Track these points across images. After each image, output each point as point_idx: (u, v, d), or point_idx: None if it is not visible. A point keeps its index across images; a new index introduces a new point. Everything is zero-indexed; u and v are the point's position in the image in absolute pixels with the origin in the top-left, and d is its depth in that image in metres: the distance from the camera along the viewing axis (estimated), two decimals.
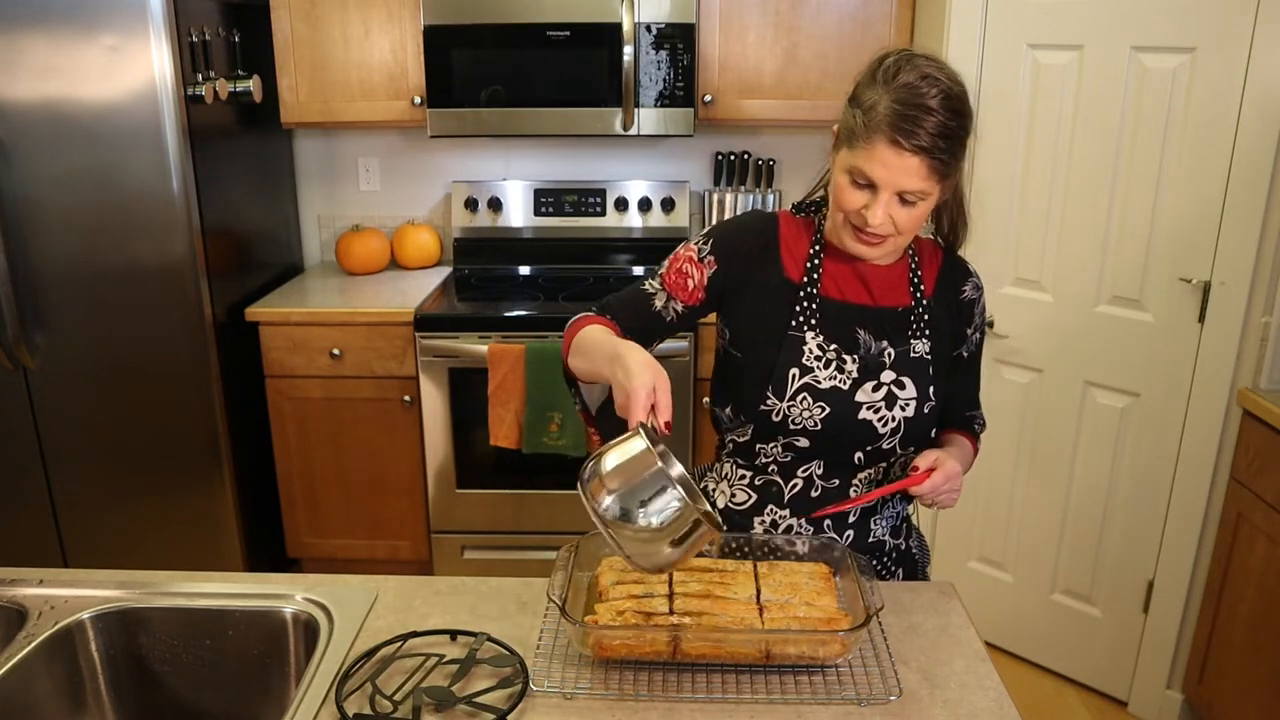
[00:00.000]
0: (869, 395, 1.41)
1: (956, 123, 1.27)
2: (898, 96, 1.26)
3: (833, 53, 2.90)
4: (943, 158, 1.27)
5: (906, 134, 1.25)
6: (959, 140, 1.29)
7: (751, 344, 1.45)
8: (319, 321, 2.86)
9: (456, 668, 1.22)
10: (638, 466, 1.12)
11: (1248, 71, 2.16)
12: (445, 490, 2.98)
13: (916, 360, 1.44)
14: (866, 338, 1.43)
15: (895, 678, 1.21)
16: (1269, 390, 2.25)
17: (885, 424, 1.42)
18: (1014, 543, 2.79)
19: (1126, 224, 2.40)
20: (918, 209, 1.31)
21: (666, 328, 1.49)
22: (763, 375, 1.41)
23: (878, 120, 1.26)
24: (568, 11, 2.82)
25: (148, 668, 1.39)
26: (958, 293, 1.49)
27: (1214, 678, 2.38)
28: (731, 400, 1.47)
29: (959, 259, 1.52)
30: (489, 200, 3.26)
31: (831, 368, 1.41)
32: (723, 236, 1.48)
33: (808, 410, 1.41)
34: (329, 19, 2.91)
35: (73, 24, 2.42)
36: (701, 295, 1.47)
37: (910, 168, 1.27)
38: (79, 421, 2.72)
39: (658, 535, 1.12)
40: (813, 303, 1.43)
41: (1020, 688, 2.72)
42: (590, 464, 1.15)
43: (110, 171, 2.52)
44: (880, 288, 1.45)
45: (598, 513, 1.13)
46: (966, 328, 1.50)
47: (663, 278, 1.49)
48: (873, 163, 1.28)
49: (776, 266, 1.45)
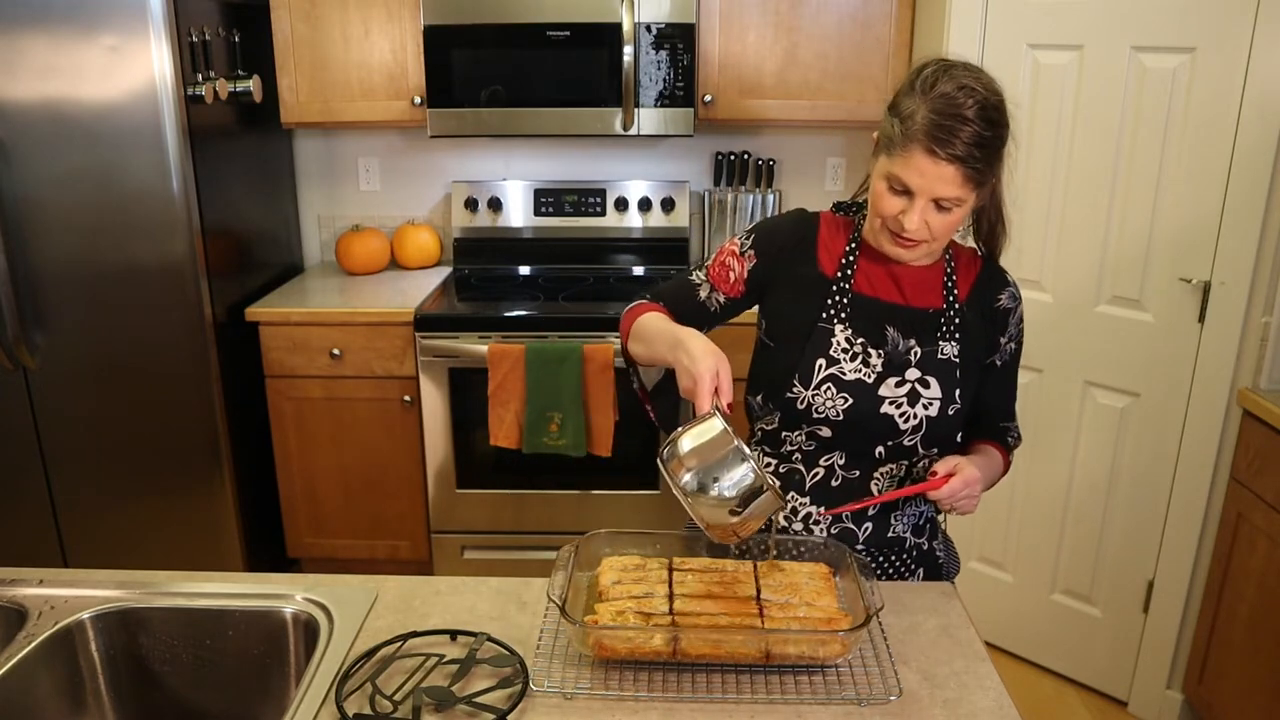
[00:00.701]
0: (892, 390, 1.44)
1: (992, 133, 1.31)
2: (934, 107, 1.30)
3: (833, 53, 2.90)
4: (978, 166, 1.31)
5: (942, 143, 1.29)
6: (995, 149, 1.33)
7: (783, 334, 1.50)
8: (319, 321, 2.86)
9: (456, 668, 1.22)
10: (716, 445, 1.23)
11: (1248, 71, 2.16)
12: (445, 490, 2.98)
13: (944, 362, 1.46)
14: (895, 335, 1.46)
15: (895, 678, 1.21)
16: (1269, 390, 2.25)
17: (907, 420, 1.44)
18: (1014, 543, 2.79)
19: (1126, 224, 2.40)
20: (952, 215, 1.35)
21: (712, 317, 1.56)
22: (791, 364, 1.46)
23: (915, 130, 1.30)
24: (568, 11, 2.82)
25: (148, 668, 1.39)
26: (993, 300, 1.51)
27: (1214, 678, 2.38)
28: (763, 389, 1.51)
29: (998, 268, 1.54)
30: (489, 200, 3.26)
31: (857, 360, 1.45)
32: (764, 232, 1.54)
33: (831, 400, 1.44)
34: (329, 19, 2.91)
35: (73, 24, 2.42)
36: (742, 288, 1.53)
37: (946, 176, 1.30)
38: (79, 421, 2.72)
39: (730, 503, 1.23)
40: (844, 297, 1.47)
41: (1020, 688, 2.72)
42: (669, 446, 1.26)
43: (110, 171, 2.52)
44: (913, 288, 1.48)
45: (678, 485, 1.24)
46: (1000, 336, 1.52)
47: (708, 269, 1.56)
48: (909, 171, 1.32)
49: (812, 261, 1.50)
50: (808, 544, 1.41)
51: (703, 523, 1.25)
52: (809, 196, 3.34)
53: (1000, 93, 1.34)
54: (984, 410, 1.55)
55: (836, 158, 3.32)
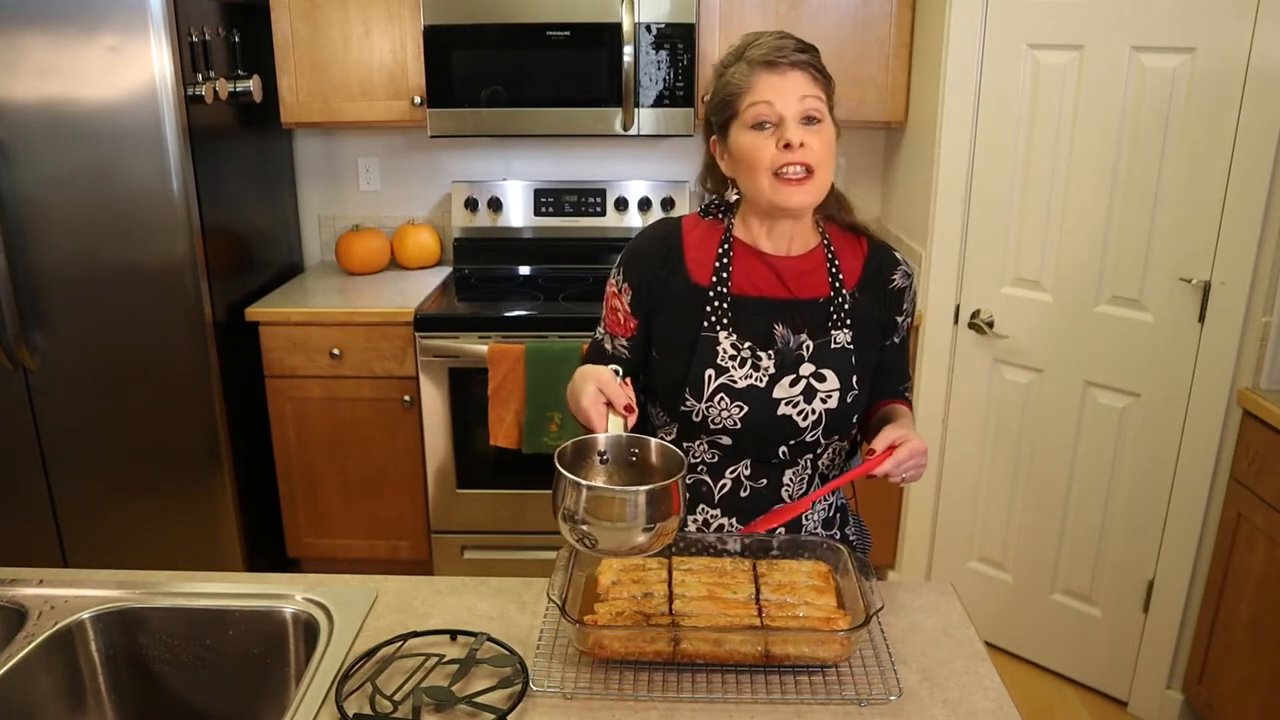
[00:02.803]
0: (787, 391, 1.44)
1: (811, 49, 1.41)
2: (757, 50, 1.40)
3: (833, 53, 2.88)
4: (817, 67, 1.40)
5: (779, 58, 1.38)
6: (821, 65, 1.42)
7: (669, 348, 1.49)
8: (319, 321, 2.86)
9: (456, 668, 1.23)
10: (574, 490, 1.17)
11: (1248, 72, 2.16)
12: (445, 490, 2.98)
13: (838, 351, 1.46)
14: (784, 332, 1.46)
15: (895, 678, 1.21)
16: (1269, 390, 2.25)
17: (806, 417, 1.45)
18: (1014, 543, 2.79)
19: (1126, 224, 2.40)
20: (823, 130, 1.39)
21: (629, 363, 1.54)
22: (680, 378, 1.46)
23: (747, 69, 1.39)
24: (568, 11, 2.82)
25: (148, 668, 1.39)
26: (887, 281, 1.52)
27: (1214, 678, 2.38)
28: (659, 400, 1.52)
29: (886, 247, 1.55)
30: (489, 200, 3.26)
31: (747, 366, 1.44)
32: (629, 261, 1.54)
33: (726, 410, 1.44)
34: (329, 19, 2.91)
35: (73, 24, 2.42)
36: (634, 323, 1.53)
37: (797, 81, 1.38)
38: (79, 421, 2.72)
39: (639, 522, 1.17)
40: (724, 302, 1.46)
41: (1020, 688, 2.72)
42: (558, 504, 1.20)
43: (110, 171, 2.52)
44: (796, 280, 1.48)
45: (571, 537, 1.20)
46: (897, 315, 1.54)
47: (604, 321, 1.56)
48: (766, 94, 1.37)
49: (682, 273, 1.49)
50: (807, 544, 1.41)
51: (600, 552, 1.20)
52: None
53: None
54: (884, 378, 1.56)
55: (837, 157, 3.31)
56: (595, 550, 1.19)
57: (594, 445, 1.27)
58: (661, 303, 1.50)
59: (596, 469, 1.27)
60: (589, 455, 1.27)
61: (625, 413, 1.27)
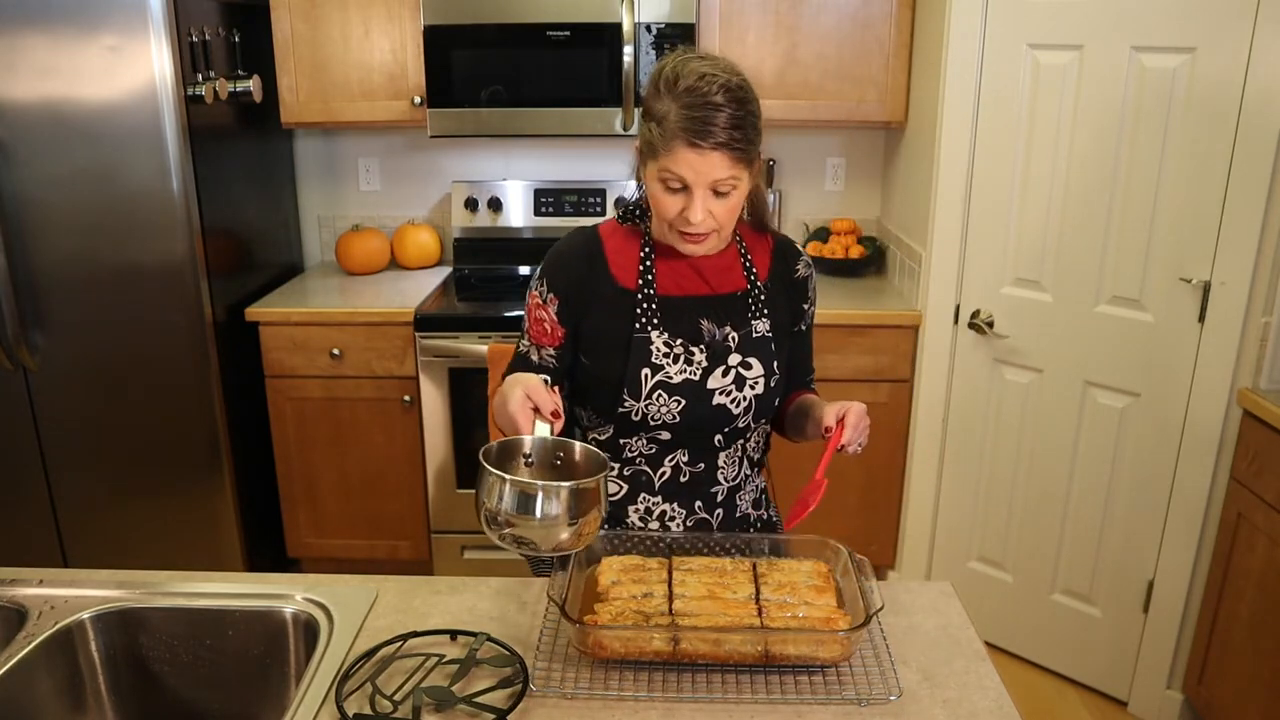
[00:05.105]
0: (720, 381, 1.51)
1: (744, 111, 1.37)
2: (684, 103, 1.35)
3: (833, 53, 2.90)
4: (740, 146, 1.37)
5: (702, 135, 1.34)
6: (751, 126, 1.39)
7: (600, 352, 1.53)
8: (319, 321, 2.86)
9: (456, 668, 1.23)
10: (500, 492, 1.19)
11: (1248, 71, 2.16)
12: (445, 490, 2.98)
13: (760, 339, 1.54)
14: (710, 326, 1.52)
15: (895, 678, 1.22)
16: (1269, 390, 2.25)
17: (738, 405, 1.53)
18: (1014, 543, 2.79)
19: (1126, 224, 2.40)
20: (732, 198, 1.41)
21: (555, 372, 1.57)
22: (616, 379, 1.50)
23: (671, 129, 1.35)
24: (568, 11, 2.82)
25: (148, 668, 1.39)
26: (792, 272, 1.61)
27: (1214, 678, 2.38)
28: (590, 403, 1.57)
29: (788, 241, 1.64)
30: (489, 200, 3.26)
31: (680, 361, 1.50)
32: (551, 270, 1.56)
33: (664, 406, 1.50)
34: (329, 19, 2.91)
35: (73, 24, 2.42)
36: (561, 331, 1.55)
37: (714, 163, 1.36)
38: (79, 421, 2.72)
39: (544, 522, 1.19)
40: (651, 304, 1.51)
41: (1020, 688, 2.72)
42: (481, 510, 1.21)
43: (110, 171, 2.52)
44: (716, 276, 1.55)
45: (498, 538, 1.22)
46: (803, 304, 1.63)
47: (527, 332, 1.58)
48: (680, 166, 1.37)
49: (608, 278, 1.54)
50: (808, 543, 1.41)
51: (537, 550, 1.22)
52: (809, 196, 3.35)
53: (740, 72, 1.41)
54: (794, 370, 1.65)
55: (836, 158, 3.32)
56: (522, 551, 1.22)
57: (519, 447, 1.29)
58: (589, 309, 1.54)
59: (522, 471, 1.29)
60: (514, 457, 1.29)
61: (552, 418, 1.29)
